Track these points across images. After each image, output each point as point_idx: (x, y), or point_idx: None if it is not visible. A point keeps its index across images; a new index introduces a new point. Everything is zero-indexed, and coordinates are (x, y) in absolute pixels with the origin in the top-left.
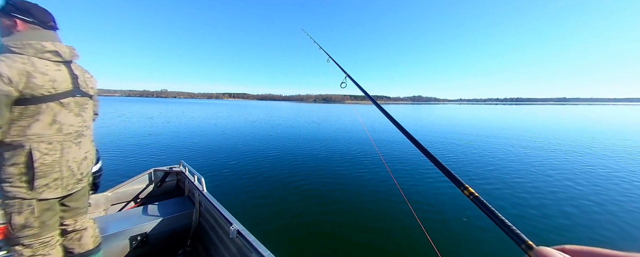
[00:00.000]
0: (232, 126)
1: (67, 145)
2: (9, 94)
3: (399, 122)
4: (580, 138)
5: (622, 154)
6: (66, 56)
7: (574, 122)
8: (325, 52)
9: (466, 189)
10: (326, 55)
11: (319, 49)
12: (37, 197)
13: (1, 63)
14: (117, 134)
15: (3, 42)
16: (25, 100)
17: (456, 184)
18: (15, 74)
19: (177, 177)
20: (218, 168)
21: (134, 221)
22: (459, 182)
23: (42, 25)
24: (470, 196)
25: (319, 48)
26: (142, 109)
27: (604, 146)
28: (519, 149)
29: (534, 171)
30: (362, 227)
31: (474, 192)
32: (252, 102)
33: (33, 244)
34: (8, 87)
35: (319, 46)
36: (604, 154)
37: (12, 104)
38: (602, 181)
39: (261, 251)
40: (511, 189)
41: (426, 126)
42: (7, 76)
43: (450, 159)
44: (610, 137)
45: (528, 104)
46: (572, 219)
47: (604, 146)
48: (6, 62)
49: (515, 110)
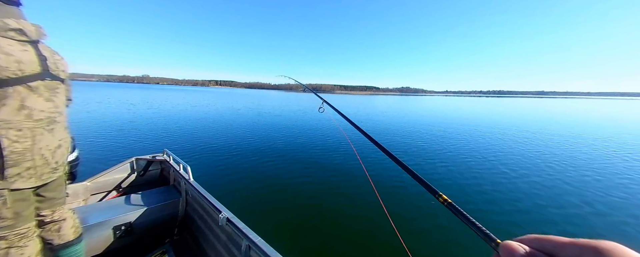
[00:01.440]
0: (218, 114)
1: (38, 132)
2: None
3: (374, 139)
4: (558, 130)
5: (599, 146)
6: (32, 35)
7: (553, 115)
8: (306, 87)
9: (440, 197)
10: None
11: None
12: (8, 187)
13: None
14: (94, 121)
15: None
16: None
17: (430, 191)
18: None
19: (161, 165)
20: (204, 157)
21: (117, 210)
22: (433, 190)
23: (3, 0)
24: (444, 202)
25: (303, 87)
26: (123, 95)
27: (576, 136)
28: (496, 142)
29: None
30: (346, 213)
31: (447, 199)
32: (240, 91)
33: (8, 236)
34: None
35: (299, 83)
36: (577, 145)
37: None
38: (575, 172)
39: (252, 237)
40: (491, 184)
41: (413, 120)
42: None
43: (427, 154)
44: (588, 128)
45: (509, 96)
46: (538, 211)
47: (576, 136)
48: None
49: (498, 103)
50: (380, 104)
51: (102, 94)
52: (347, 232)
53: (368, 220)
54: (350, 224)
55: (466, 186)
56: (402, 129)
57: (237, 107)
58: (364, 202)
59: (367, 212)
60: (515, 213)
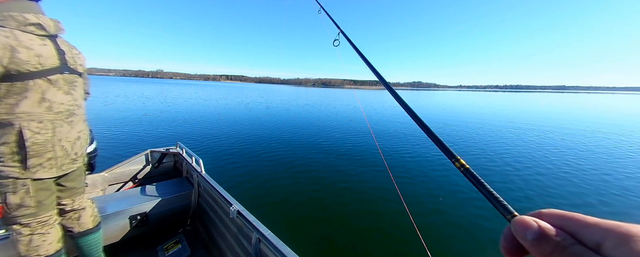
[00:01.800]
0: (229, 108)
1: (58, 124)
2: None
3: (397, 93)
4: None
5: (620, 142)
6: (51, 30)
7: (574, 110)
8: (317, 1)
9: (457, 161)
10: (317, 4)
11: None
12: (31, 176)
13: None
14: (112, 114)
15: None
16: (10, 76)
17: (448, 155)
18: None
19: (175, 158)
20: (216, 150)
21: (133, 200)
22: (451, 153)
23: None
24: (461, 168)
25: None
26: (138, 89)
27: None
28: (516, 132)
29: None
30: (356, 207)
31: (464, 164)
32: (250, 85)
33: (31, 224)
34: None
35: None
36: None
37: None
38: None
39: (262, 230)
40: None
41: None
42: None
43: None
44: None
45: (527, 91)
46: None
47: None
48: None
49: (515, 98)
50: (387, 100)
51: (119, 89)
52: (358, 226)
53: (382, 215)
54: (362, 218)
55: None
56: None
57: (246, 101)
58: (379, 196)
59: (382, 207)
60: None
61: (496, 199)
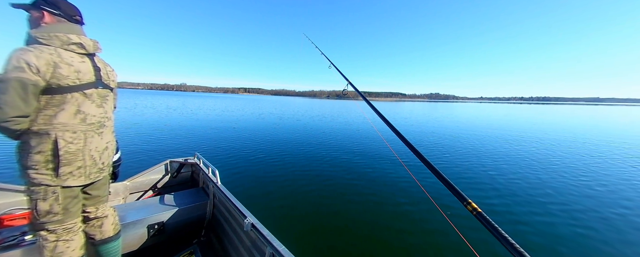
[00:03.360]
0: (246, 120)
1: (90, 135)
2: (37, 83)
3: (402, 134)
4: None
5: None
6: (90, 49)
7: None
8: (327, 58)
9: (469, 204)
10: (328, 61)
11: (321, 54)
12: (61, 184)
13: (30, 53)
14: (137, 123)
15: (31, 33)
16: (51, 89)
17: (459, 198)
18: (42, 64)
19: (192, 168)
20: (232, 161)
21: (151, 210)
22: (462, 196)
23: (68, 19)
24: (473, 212)
25: (321, 54)
26: (164, 101)
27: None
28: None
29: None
30: (381, 224)
31: (477, 208)
32: (267, 97)
33: (57, 230)
34: (36, 76)
35: (321, 52)
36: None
37: (40, 93)
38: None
39: (276, 245)
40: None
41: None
42: (36, 66)
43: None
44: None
45: (556, 103)
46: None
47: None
48: (34, 53)
49: (542, 111)
50: (408, 111)
51: (146, 100)
52: (377, 243)
53: (404, 232)
54: (380, 234)
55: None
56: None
57: (262, 113)
58: (403, 208)
59: (406, 224)
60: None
61: (511, 245)
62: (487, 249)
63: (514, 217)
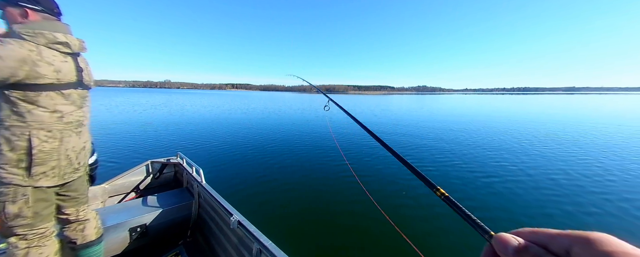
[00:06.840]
0: (230, 117)
1: (67, 134)
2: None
3: (377, 135)
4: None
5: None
6: (75, 48)
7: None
8: (316, 87)
9: (438, 190)
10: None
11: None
12: (33, 184)
13: (7, 46)
14: (114, 123)
15: (15, 29)
16: (25, 86)
17: (428, 185)
18: (16, 59)
19: (175, 168)
20: (216, 159)
21: (133, 212)
22: (431, 184)
23: (51, 13)
24: (441, 196)
25: (314, 88)
26: (147, 99)
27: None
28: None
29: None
30: (361, 216)
31: (444, 193)
32: (255, 93)
33: (27, 235)
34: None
35: (309, 83)
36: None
37: (10, 87)
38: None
39: (263, 241)
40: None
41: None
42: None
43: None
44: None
45: (535, 93)
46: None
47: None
48: (12, 46)
49: (521, 101)
50: (396, 104)
51: (128, 99)
52: (356, 236)
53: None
54: (358, 227)
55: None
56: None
57: (248, 110)
58: (388, 203)
59: (392, 219)
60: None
61: (474, 221)
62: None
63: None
